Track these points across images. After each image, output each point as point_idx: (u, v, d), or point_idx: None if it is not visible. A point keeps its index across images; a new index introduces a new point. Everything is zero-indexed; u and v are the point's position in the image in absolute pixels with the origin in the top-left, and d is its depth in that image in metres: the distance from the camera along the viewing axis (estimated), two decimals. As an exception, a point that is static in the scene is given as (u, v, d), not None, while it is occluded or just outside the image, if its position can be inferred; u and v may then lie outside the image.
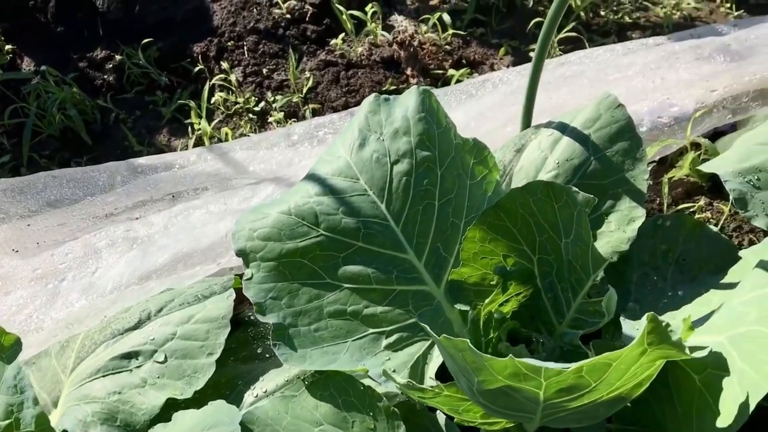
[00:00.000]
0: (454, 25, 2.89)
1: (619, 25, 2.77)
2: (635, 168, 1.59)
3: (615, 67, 2.03)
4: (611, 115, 1.61)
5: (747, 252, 1.55)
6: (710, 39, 2.02)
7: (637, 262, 1.67)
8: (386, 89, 2.65)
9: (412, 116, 1.47)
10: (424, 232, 1.45)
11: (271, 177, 1.79)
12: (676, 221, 1.69)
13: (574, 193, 1.28)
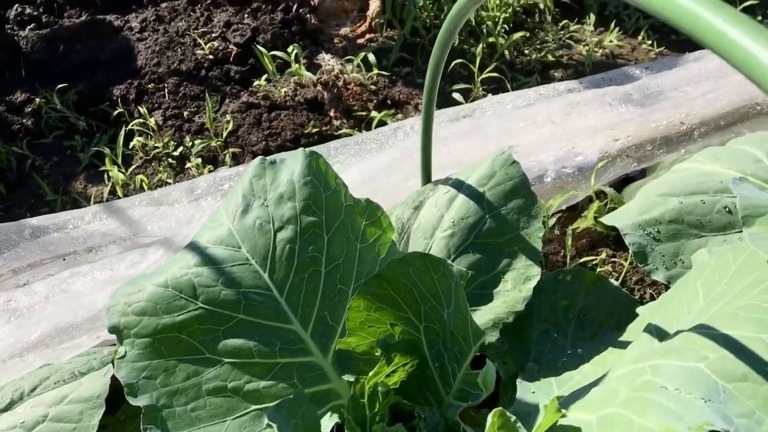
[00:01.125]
0: (381, 65, 2.87)
1: (543, 64, 2.78)
2: (530, 225, 1.57)
3: (524, 115, 2.02)
4: (506, 172, 1.59)
5: (643, 309, 1.53)
6: (613, 89, 2.02)
7: (538, 318, 1.64)
8: (308, 132, 2.61)
9: (298, 180, 1.43)
10: (310, 301, 1.40)
11: (169, 235, 1.73)
12: (577, 276, 1.67)
13: (449, 266, 1.25)
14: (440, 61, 1.35)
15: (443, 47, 1.31)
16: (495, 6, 2.89)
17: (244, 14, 3.13)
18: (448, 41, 1.29)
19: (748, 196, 1.31)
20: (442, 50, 1.32)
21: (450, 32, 1.26)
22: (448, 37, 1.27)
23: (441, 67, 1.39)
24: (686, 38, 2.78)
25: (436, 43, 1.32)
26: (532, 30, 2.93)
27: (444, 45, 1.29)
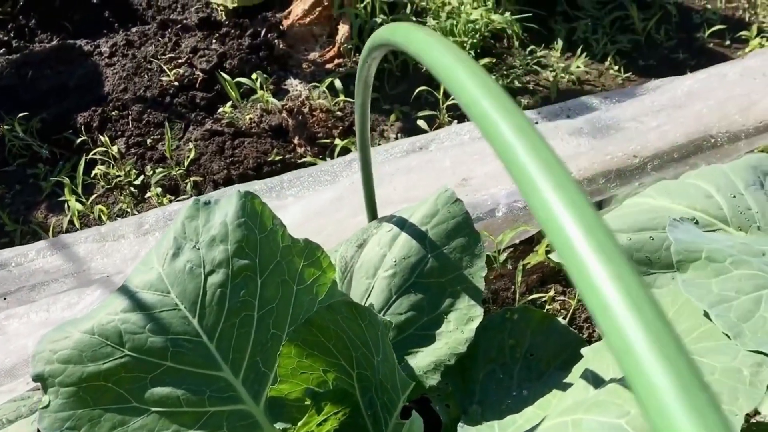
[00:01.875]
0: (348, 90, 2.86)
1: (509, 90, 2.76)
2: (473, 265, 1.54)
3: (481, 146, 1.99)
4: (448, 210, 1.56)
5: (588, 350, 1.50)
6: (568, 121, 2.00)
7: (484, 358, 1.61)
8: (271, 159, 2.59)
9: (231, 222, 1.41)
10: (242, 347, 1.37)
11: (112, 272, 1.71)
12: (525, 314, 1.64)
13: (374, 315, 1.22)
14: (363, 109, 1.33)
15: (362, 96, 1.28)
16: (462, 32, 2.88)
17: (212, 39, 3.11)
18: (365, 90, 1.26)
19: (684, 239, 1.28)
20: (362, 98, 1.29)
21: (364, 83, 1.24)
22: (365, 88, 1.25)
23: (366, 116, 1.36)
24: (653, 63, 2.78)
25: (355, 92, 1.30)
26: (501, 55, 2.91)
27: (363, 93, 1.27)
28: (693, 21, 2.93)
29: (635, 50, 2.84)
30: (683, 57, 2.77)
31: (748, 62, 2.16)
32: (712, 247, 1.25)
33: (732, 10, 2.96)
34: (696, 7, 3.00)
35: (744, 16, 2.91)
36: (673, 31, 2.89)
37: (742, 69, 2.11)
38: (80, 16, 3.61)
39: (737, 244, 1.34)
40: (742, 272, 1.21)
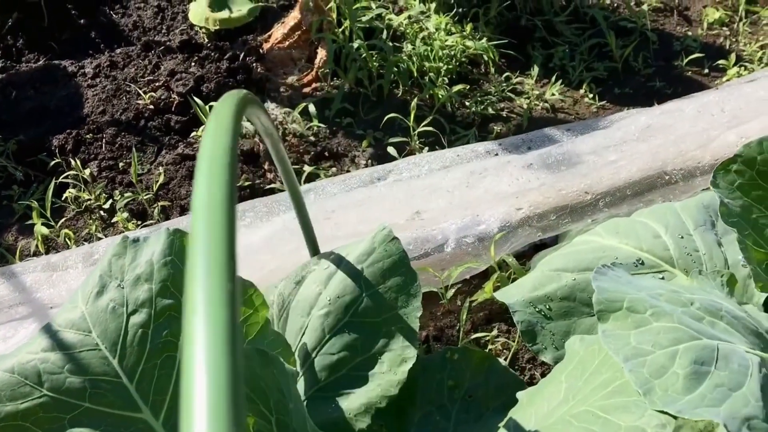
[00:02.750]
0: (323, 115, 2.85)
1: (483, 117, 2.74)
2: (409, 305, 1.52)
3: (437, 178, 1.98)
4: (385, 249, 1.54)
5: (523, 394, 1.48)
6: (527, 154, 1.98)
7: (422, 400, 1.59)
8: (240, 185, 2.59)
9: (157, 261, 1.40)
10: (163, 389, 1.36)
11: (57, 305, 1.70)
12: (465, 354, 1.61)
13: (282, 363, 1.21)
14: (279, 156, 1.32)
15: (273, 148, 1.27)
16: (437, 57, 2.87)
17: (191, 62, 3.12)
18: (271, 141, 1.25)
19: (607, 288, 1.25)
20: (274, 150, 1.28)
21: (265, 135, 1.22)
22: (268, 138, 1.24)
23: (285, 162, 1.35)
24: (629, 91, 2.75)
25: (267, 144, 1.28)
26: (478, 81, 2.89)
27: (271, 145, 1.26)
28: (673, 48, 2.90)
29: (612, 78, 2.82)
30: (660, 85, 2.74)
31: (708, 97, 2.13)
32: (634, 297, 1.22)
33: (713, 38, 2.92)
34: (677, 34, 2.97)
35: (725, 44, 2.87)
36: (652, 59, 2.86)
37: (701, 104, 2.07)
38: (68, 36, 3.63)
39: (667, 292, 1.31)
40: (661, 324, 1.18)
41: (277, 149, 1.28)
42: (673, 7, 3.08)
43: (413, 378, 1.61)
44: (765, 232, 1.40)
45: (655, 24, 3.03)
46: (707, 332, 1.20)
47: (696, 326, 1.20)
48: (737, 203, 1.40)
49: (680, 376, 1.10)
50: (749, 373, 1.13)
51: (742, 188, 1.40)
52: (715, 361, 1.13)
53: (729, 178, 1.40)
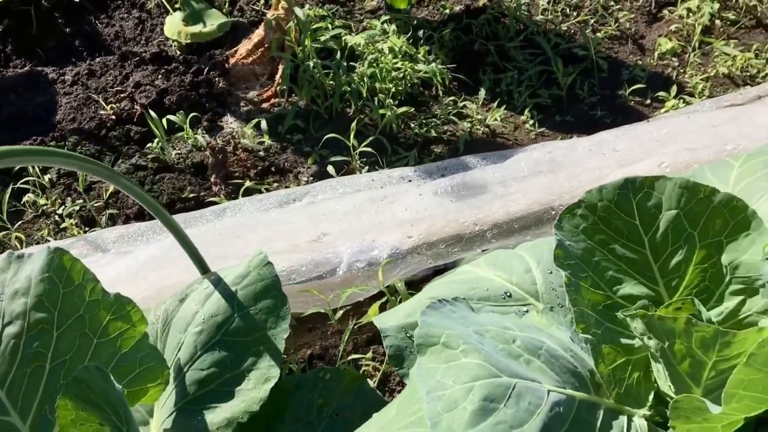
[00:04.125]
0: (275, 130, 2.95)
1: (425, 139, 2.82)
2: (277, 326, 1.61)
3: (348, 202, 2.06)
4: (259, 272, 1.64)
5: (376, 415, 1.56)
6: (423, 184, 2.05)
7: (291, 417, 1.68)
8: (185, 197, 2.70)
9: (36, 276, 1.51)
10: (31, 395, 1.47)
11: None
12: (336, 375, 1.70)
13: (112, 382, 1.31)
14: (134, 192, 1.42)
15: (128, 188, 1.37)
16: (389, 79, 2.95)
17: (158, 74, 3.25)
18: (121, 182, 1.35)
19: (431, 323, 1.32)
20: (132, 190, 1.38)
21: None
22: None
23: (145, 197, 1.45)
24: (570, 119, 2.80)
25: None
26: (427, 103, 2.97)
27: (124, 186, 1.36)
28: (621, 77, 2.94)
29: (556, 105, 2.87)
30: (601, 114, 2.78)
31: (602, 136, 2.18)
32: (451, 333, 1.29)
33: (662, 68, 2.96)
34: (628, 63, 3.01)
35: (672, 75, 2.90)
36: (598, 87, 2.90)
37: (594, 143, 2.12)
38: (54, 43, 3.78)
39: (497, 328, 1.38)
40: (469, 361, 1.25)
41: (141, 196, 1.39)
42: (629, 35, 3.12)
43: (286, 395, 1.71)
44: (606, 275, 1.46)
45: (609, 52, 3.07)
46: (516, 370, 1.27)
47: (504, 363, 1.27)
48: (580, 246, 1.46)
49: (468, 411, 1.17)
50: (538, 411, 1.20)
51: (586, 232, 1.46)
52: (507, 399, 1.20)
53: (574, 221, 1.47)
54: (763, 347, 1.04)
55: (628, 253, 1.45)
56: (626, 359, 1.40)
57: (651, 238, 1.43)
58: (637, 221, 1.43)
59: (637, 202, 1.42)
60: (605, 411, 1.34)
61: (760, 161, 1.60)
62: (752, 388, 1.09)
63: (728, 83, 2.81)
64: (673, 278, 1.43)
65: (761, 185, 1.53)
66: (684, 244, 1.41)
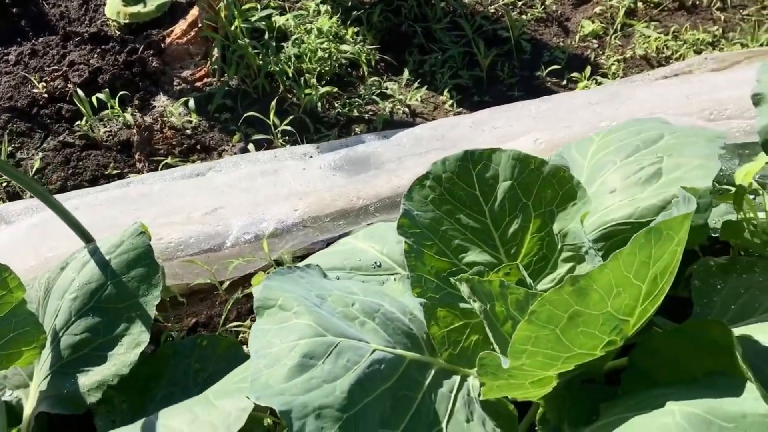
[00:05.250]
0: (204, 109, 3.01)
1: (348, 118, 2.87)
2: (149, 294, 1.67)
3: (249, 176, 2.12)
4: (132, 242, 1.70)
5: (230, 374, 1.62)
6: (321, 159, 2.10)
7: (168, 381, 1.74)
8: (108, 173, 2.76)
9: None
10: None
11: None
12: (213, 341, 1.76)
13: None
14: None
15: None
16: (315, 59, 3.00)
17: (94, 54, 3.30)
18: None
19: (272, 286, 1.38)
20: None
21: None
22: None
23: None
24: (488, 99, 2.85)
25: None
26: (353, 84, 3.02)
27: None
28: (542, 59, 2.99)
29: (476, 86, 2.92)
30: (518, 95, 2.83)
31: (483, 113, 2.23)
32: (288, 296, 1.36)
33: (582, 50, 3.01)
34: (551, 44, 3.06)
35: (590, 56, 2.96)
36: (519, 69, 2.96)
37: (474, 120, 2.18)
38: (2, 25, 3.82)
39: (341, 293, 1.45)
40: (299, 321, 1.31)
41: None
42: (554, 18, 3.17)
43: (164, 360, 1.77)
44: (452, 243, 1.52)
45: (534, 34, 3.12)
46: (345, 331, 1.33)
47: (336, 324, 1.34)
48: (428, 216, 1.52)
49: (287, 367, 1.24)
50: (355, 368, 1.26)
51: (434, 202, 1.52)
52: (327, 356, 1.26)
53: (423, 192, 1.53)
54: (543, 305, 1.11)
55: (472, 222, 1.51)
56: (464, 322, 1.46)
57: (491, 208, 1.49)
58: (478, 192, 1.49)
59: (477, 173, 1.48)
60: (438, 371, 1.41)
61: (615, 137, 1.66)
62: (541, 344, 1.15)
63: (644, 64, 2.87)
64: (512, 246, 1.50)
65: (610, 159, 1.59)
66: (519, 213, 1.47)
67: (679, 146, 1.51)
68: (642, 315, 1.25)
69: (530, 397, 1.33)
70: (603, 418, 1.20)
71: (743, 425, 1.02)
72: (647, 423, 1.06)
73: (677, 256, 1.17)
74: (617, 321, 1.16)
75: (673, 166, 1.47)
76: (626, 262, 1.09)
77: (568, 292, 1.10)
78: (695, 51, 2.84)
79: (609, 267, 1.08)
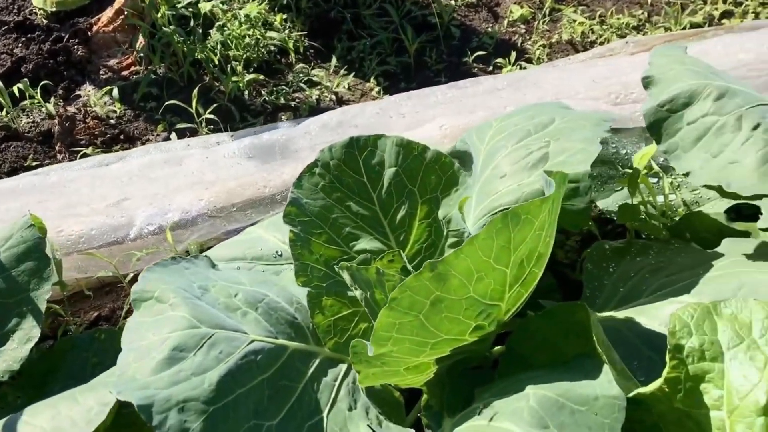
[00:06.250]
0: (130, 98, 2.95)
1: (274, 106, 2.84)
2: (40, 288, 1.64)
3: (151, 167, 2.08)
4: (21, 234, 1.66)
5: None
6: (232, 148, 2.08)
7: (66, 375, 1.71)
8: (28, 165, 2.70)
9: None
10: None
11: None
12: (111, 335, 1.73)
13: None
14: None
15: None
16: (242, 46, 2.96)
17: (19, 43, 3.22)
18: None
19: (150, 278, 1.36)
20: None
21: None
22: None
23: None
24: (414, 86, 2.84)
25: None
26: (282, 71, 2.99)
27: None
28: (471, 45, 2.99)
29: (404, 72, 2.91)
30: (445, 81, 2.82)
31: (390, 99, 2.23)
32: (165, 288, 1.33)
33: (510, 35, 3.01)
34: (480, 30, 3.05)
35: (518, 42, 2.96)
36: (447, 54, 2.95)
37: (381, 107, 2.17)
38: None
39: (226, 283, 1.43)
40: (175, 313, 1.29)
41: None
42: (484, 3, 3.16)
43: (61, 354, 1.74)
44: (343, 231, 1.51)
45: (464, 19, 3.11)
46: (223, 322, 1.31)
47: (214, 315, 1.32)
48: (318, 203, 1.50)
49: (155, 360, 1.22)
50: (228, 359, 1.24)
51: (325, 189, 1.51)
52: (198, 348, 1.24)
53: (314, 180, 1.51)
54: (404, 291, 1.10)
55: (361, 210, 1.50)
56: (353, 311, 1.46)
57: (378, 195, 1.48)
58: (365, 178, 1.48)
59: (363, 160, 1.47)
60: (323, 360, 1.40)
61: (510, 122, 1.65)
62: (406, 331, 1.14)
63: (569, 49, 2.88)
64: (401, 233, 1.49)
65: (503, 144, 1.59)
66: (406, 199, 1.47)
67: (567, 130, 1.51)
68: (516, 299, 1.25)
69: (411, 383, 1.33)
70: (474, 403, 1.20)
71: (594, 407, 1.03)
72: (503, 407, 1.07)
73: (543, 240, 1.17)
74: (483, 306, 1.16)
75: (559, 150, 1.47)
76: (483, 246, 1.08)
77: (427, 277, 1.09)
78: (620, 35, 2.85)
79: (465, 252, 1.07)
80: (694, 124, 1.40)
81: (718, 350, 1.06)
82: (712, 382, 1.05)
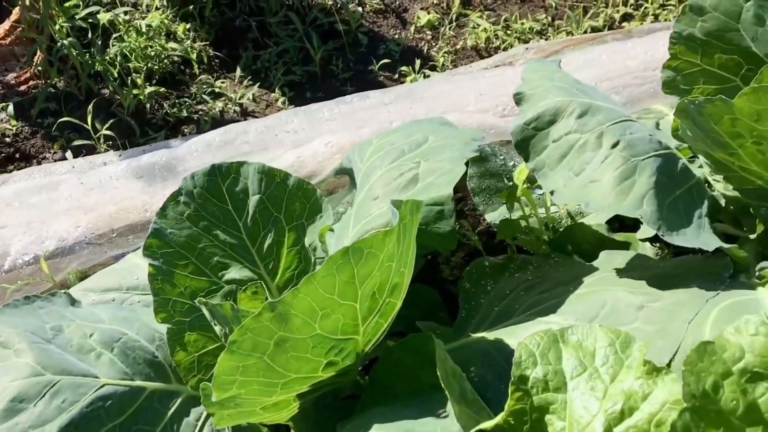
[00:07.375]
0: (27, 114, 2.84)
1: (177, 119, 2.76)
2: None
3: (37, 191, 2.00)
4: None
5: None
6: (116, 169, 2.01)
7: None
8: None
9: None
10: None
11: None
12: None
13: None
14: None
15: None
16: (142, 57, 2.87)
17: None
18: None
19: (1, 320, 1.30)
20: None
21: None
22: None
23: None
24: (321, 96, 2.79)
25: None
26: (186, 83, 2.91)
27: None
28: (378, 52, 2.96)
29: (311, 81, 2.86)
30: (351, 89, 2.79)
31: (277, 117, 2.19)
32: (12, 332, 1.27)
33: (417, 42, 2.99)
34: (387, 37, 3.03)
35: (423, 49, 2.94)
36: (354, 63, 2.91)
37: (266, 125, 2.13)
38: None
39: (80, 322, 1.37)
40: (19, 360, 1.23)
41: None
42: (393, 9, 3.14)
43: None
44: (212, 261, 1.46)
45: (373, 26, 3.08)
46: (72, 366, 1.25)
47: (62, 360, 1.26)
48: (184, 233, 1.45)
49: (-7, 413, 1.15)
50: (72, 408, 1.19)
51: (191, 218, 1.45)
52: (41, 397, 1.18)
53: (179, 209, 1.45)
54: (244, 333, 1.06)
55: (229, 238, 1.45)
56: (219, 345, 1.41)
57: (245, 223, 1.44)
58: (230, 207, 1.43)
59: (227, 187, 1.42)
60: (185, 399, 1.35)
61: (388, 140, 1.62)
62: (251, 373, 1.10)
63: (474, 55, 2.87)
64: (270, 261, 1.45)
65: (378, 163, 1.56)
66: (272, 227, 1.43)
67: (438, 149, 1.49)
68: (376, 329, 1.22)
69: (274, 420, 1.29)
70: (331, 440, 1.17)
71: (435, 447, 1.00)
72: (347, 450, 1.03)
73: (395, 270, 1.14)
74: (333, 342, 1.13)
75: (428, 171, 1.45)
76: (324, 283, 1.05)
77: (267, 318, 1.05)
78: (523, 41, 2.86)
79: (303, 291, 1.03)
80: (558, 141, 1.39)
81: (562, 380, 1.04)
82: (556, 414, 1.03)
